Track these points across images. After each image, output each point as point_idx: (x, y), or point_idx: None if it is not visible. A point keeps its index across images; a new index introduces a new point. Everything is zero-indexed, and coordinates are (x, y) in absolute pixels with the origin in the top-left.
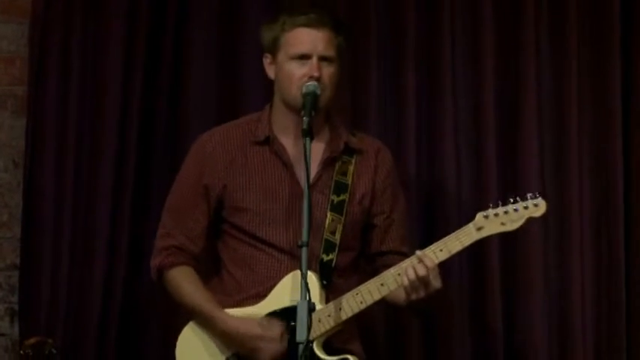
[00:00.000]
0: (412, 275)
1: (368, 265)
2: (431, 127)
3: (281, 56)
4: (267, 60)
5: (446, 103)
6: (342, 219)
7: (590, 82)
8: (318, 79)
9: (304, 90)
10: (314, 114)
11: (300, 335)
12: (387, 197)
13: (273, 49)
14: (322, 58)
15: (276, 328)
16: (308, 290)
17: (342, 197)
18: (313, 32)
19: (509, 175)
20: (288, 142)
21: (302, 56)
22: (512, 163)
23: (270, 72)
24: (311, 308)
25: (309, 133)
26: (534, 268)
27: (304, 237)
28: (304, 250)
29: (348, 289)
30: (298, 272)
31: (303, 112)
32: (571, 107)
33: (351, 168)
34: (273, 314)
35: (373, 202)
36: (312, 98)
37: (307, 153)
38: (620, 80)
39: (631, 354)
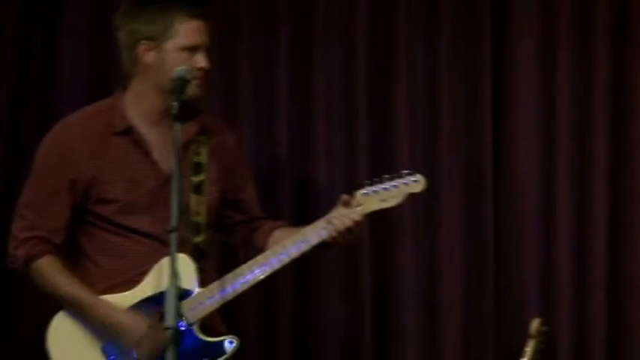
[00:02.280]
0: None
1: (229, 237)
2: (303, 112)
3: (169, 45)
4: (143, 46)
5: (317, 88)
6: (205, 199)
7: (463, 57)
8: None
9: (175, 74)
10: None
11: (169, 320)
12: (240, 171)
13: (160, 37)
14: (205, 49)
15: (150, 314)
16: (176, 275)
17: (200, 178)
18: (204, 24)
19: (380, 160)
20: (148, 129)
21: (194, 47)
22: (384, 148)
23: (147, 58)
24: (181, 293)
25: (179, 118)
26: (405, 246)
27: (173, 222)
28: (173, 235)
29: (215, 269)
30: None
31: (173, 97)
32: (442, 85)
33: (205, 149)
34: (149, 300)
35: (228, 177)
36: (182, 82)
37: (178, 138)
38: (490, 65)
39: (499, 334)
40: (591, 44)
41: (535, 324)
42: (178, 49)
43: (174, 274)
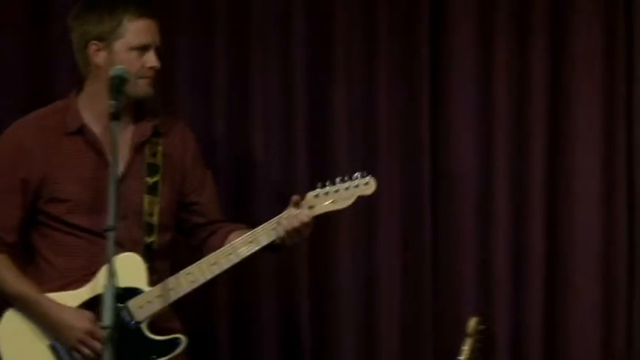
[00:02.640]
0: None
1: (189, 239)
2: (241, 111)
3: (119, 45)
4: (94, 47)
5: (255, 86)
6: (158, 200)
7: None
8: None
9: (112, 73)
10: (123, 99)
11: (107, 320)
12: (197, 174)
13: (109, 37)
14: (156, 49)
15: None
16: (114, 274)
17: (155, 179)
18: (153, 23)
19: (318, 160)
20: (102, 129)
21: (143, 47)
22: (322, 148)
23: (98, 59)
24: (130, 292)
25: (117, 117)
26: (343, 245)
27: (110, 221)
28: (111, 234)
29: (168, 269)
30: (124, 256)
31: (111, 96)
32: (380, 86)
33: (160, 149)
34: (96, 298)
35: (185, 180)
36: (119, 82)
37: (115, 136)
38: (428, 65)
39: (437, 333)
40: (528, 42)
41: (472, 322)
42: (128, 48)
43: (112, 273)
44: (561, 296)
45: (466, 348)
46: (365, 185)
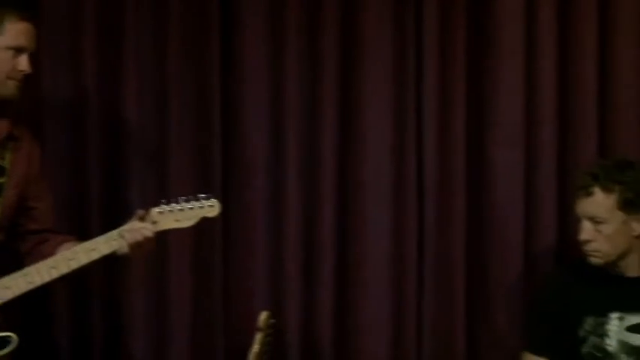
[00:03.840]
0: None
1: (19, 244)
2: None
3: None
4: None
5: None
6: (1, 201)
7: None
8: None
9: None
10: None
11: None
12: (39, 183)
13: None
14: (30, 54)
15: None
16: None
17: (1, 180)
18: (31, 28)
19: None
20: None
21: (19, 49)
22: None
23: None
24: None
25: None
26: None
27: None
28: None
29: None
30: None
31: None
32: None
33: (9, 154)
34: None
35: (28, 187)
36: None
37: None
38: (219, 58)
39: (228, 327)
40: (319, 35)
41: (263, 317)
42: (5, 47)
43: None
44: (352, 290)
45: (257, 342)
46: (209, 207)
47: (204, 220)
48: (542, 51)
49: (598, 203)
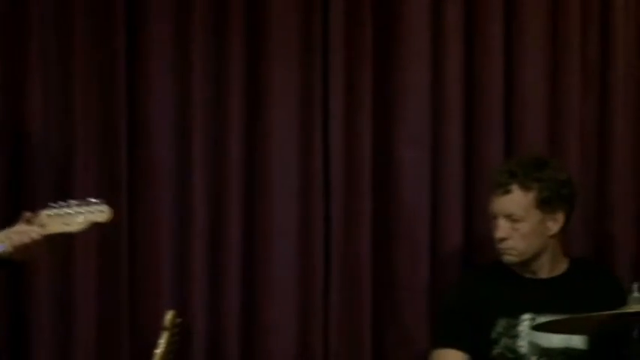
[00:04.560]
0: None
1: None
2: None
3: None
4: None
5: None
6: None
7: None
8: None
9: None
10: None
11: None
12: None
13: None
14: None
15: None
16: None
17: None
18: None
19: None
20: None
21: None
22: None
23: None
24: None
25: None
26: None
27: None
28: None
29: None
30: None
31: None
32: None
33: None
34: None
35: None
36: None
37: None
38: (124, 59)
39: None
40: (225, 37)
41: (169, 316)
42: None
43: None
44: (258, 290)
45: (162, 341)
46: (99, 212)
47: (95, 225)
48: (448, 51)
49: (516, 201)
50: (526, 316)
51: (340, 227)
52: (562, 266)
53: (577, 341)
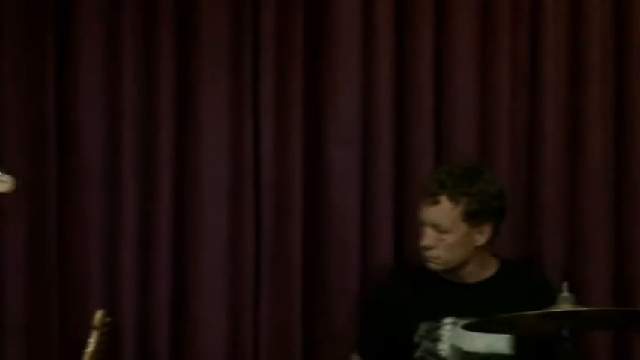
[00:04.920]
0: None
1: None
2: None
3: None
4: None
5: None
6: None
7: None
8: None
9: None
10: None
11: None
12: None
13: None
14: None
15: None
16: None
17: None
18: None
19: None
20: None
21: None
22: None
23: None
24: None
25: None
26: None
27: None
28: None
29: None
30: None
31: None
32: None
33: None
34: None
35: None
36: None
37: None
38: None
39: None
40: (155, 35)
41: (98, 315)
42: None
43: None
44: (188, 288)
45: (92, 341)
46: (1, 182)
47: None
48: (379, 50)
49: (443, 213)
50: (448, 320)
51: (271, 227)
52: (490, 270)
53: (501, 346)
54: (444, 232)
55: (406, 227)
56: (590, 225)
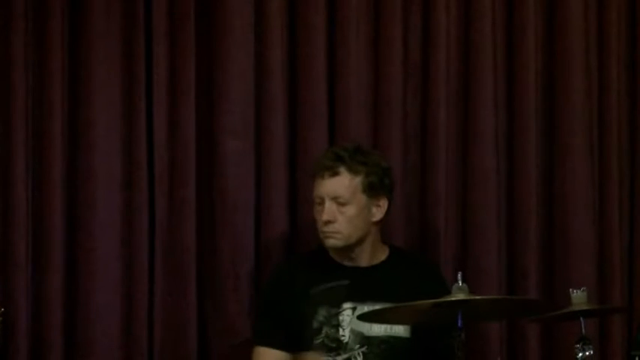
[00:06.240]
0: None
1: None
2: None
3: None
4: None
5: None
6: None
7: None
8: None
9: None
10: None
11: None
12: None
13: None
14: None
15: None
16: None
17: None
18: None
19: None
20: None
21: None
22: None
23: None
24: None
25: None
26: None
27: None
28: None
29: None
30: None
31: None
32: None
33: None
34: None
35: None
36: None
37: None
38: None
39: None
40: (46, 28)
41: None
42: None
43: None
44: (82, 279)
45: None
46: None
47: None
48: (271, 41)
49: (343, 184)
50: (347, 305)
51: (164, 216)
52: (382, 255)
53: (399, 329)
54: (344, 204)
55: (300, 216)
56: (483, 215)
